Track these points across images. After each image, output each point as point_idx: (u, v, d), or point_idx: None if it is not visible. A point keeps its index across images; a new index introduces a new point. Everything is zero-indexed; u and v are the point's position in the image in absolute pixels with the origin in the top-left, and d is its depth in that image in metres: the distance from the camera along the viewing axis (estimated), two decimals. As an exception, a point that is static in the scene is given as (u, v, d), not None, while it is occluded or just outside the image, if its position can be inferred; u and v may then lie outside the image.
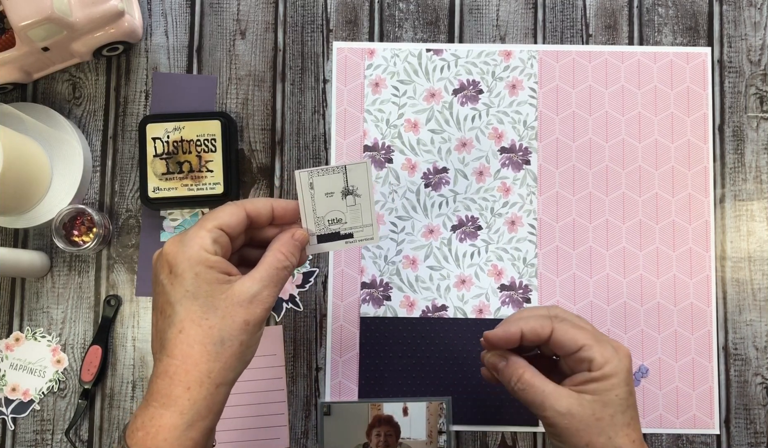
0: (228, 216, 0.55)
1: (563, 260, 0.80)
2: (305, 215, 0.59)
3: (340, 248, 0.60)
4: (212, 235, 0.53)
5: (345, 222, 0.59)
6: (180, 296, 0.52)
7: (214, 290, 0.52)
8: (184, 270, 0.52)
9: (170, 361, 0.51)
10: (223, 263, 0.53)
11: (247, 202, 0.57)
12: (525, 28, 0.83)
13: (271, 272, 0.54)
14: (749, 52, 0.82)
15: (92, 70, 0.83)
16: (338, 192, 0.58)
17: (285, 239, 0.57)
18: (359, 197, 0.59)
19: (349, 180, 0.58)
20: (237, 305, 0.52)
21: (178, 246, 0.53)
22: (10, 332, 0.80)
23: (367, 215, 0.59)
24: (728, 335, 0.79)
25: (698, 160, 0.81)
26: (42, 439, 0.78)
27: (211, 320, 0.52)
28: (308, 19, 0.83)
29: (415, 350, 0.79)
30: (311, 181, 0.58)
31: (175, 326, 0.52)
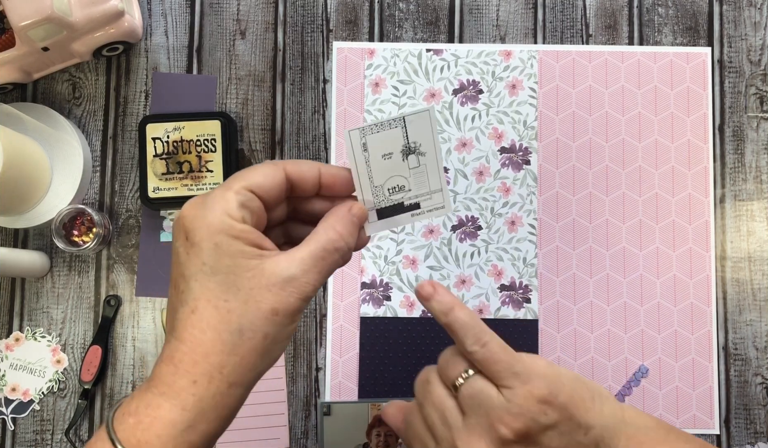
0: (262, 176, 0.44)
1: (563, 260, 0.80)
2: (360, 185, 0.48)
3: (406, 223, 0.49)
4: (240, 198, 0.43)
5: (409, 189, 0.48)
6: (195, 269, 0.42)
7: (238, 265, 0.42)
8: (202, 239, 0.42)
9: (178, 345, 0.42)
10: (252, 234, 0.43)
11: (290, 162, 0.46)
12: (525, 28, 0.83)
13: (317, 252, 0.43)
14: (749, 52, 0.82)
15: (92, 70, 0.83)
16: (398, 152, 0.48)
17: (341, 214, 0.45)
18: (423, 156, 0.48)
19: (409, 135, 0.47)
20: (265, 288, 0.42)
21: (198, 209, 0.43)
22: (10, 332, 0.80)
23: (435, 178, 0.48)
24: (728, 335, 0.79)
25: (698, 160, 0.81)
26: (42, 439, 0.78)
27: (231, 303, 0.42)
28: (308, 19, 0.83)
29: (415, 350, 0.79)
30: (364, 141, 0.47)
31: (188, 305, 0.42)
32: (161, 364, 0.43)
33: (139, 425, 0.42)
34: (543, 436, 0.46)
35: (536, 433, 0.46)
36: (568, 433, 0.46)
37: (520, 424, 0.45)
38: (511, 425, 0.45)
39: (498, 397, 0.46)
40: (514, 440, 0.46)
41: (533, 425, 0.46)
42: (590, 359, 0.79)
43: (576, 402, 0.47)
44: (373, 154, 0.48)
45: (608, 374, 0.78)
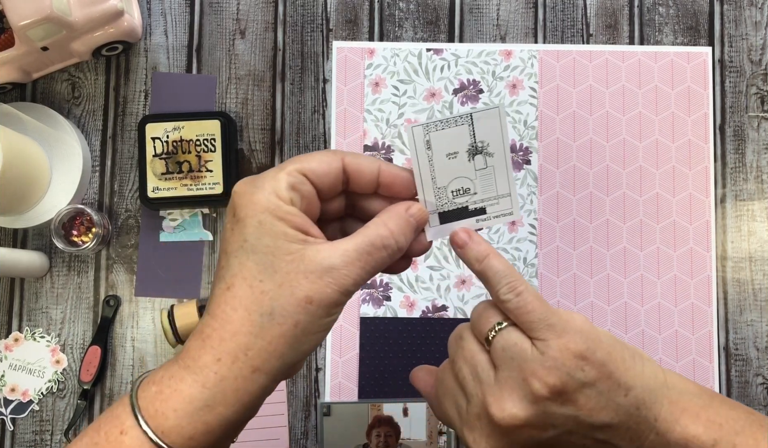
0: (317, 162, 0.43)
1: (564, 260, 0.80)
2: (422, 186, 0.45)
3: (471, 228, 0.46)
4: (291, 179, 0.42)
5: (474, 192, 0.45)
6: (237, 246, 0.41)
7: (279, 247, 0.41)
8: (247, 215, 0.41)
9: (209, 321, 0.42)
10: (298, 217, 0.41)
11: (349, 153, 0.44)
12: (525, 27, 0.83)
13: (363, 247, 0.42)
14: (750, 52, 0.82)
15: (91, 69, 0.83)
16: (463, 152, 0.45)
17: (396, 211, 0.44)
18: (491, 157, 0.45)
19: (477, 133, 0.44)
20: (301, 274, 0.40)
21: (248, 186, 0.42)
22: (9, 333, 0.79)
23: (503, 182, 0.45)
24: (729, 336, 0.79)
25: (699, 160, 0.81)
26: (41, 439, 0.78)
27: (265, 284, 0.41)
28: (308, 19, 0.83)
29: (415, 350, 0.79)
30: (428, 139, 0.44)
31: (225, 281, 0.42)
32: (192, 338, 0.42)
33: (160, 395, 0.41)
34: (580, 394, 0.43)
35: (572, 390, 0.43)
36: (606, 392, 0.43)
37: (554, 379, 0.42)
38: (545, 380, 0.42)
39: (532, 349, 0.43)
40: (548, 396, 0.43)
41: (569, 381, 0.42)
42: (591, 360, 0.78)
43: (615, 360, 0.44)
44: (437, 152, 0.45)
45: (609, 375, 0.78)
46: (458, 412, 0.47)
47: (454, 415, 0.47)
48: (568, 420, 0.43)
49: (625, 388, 0.44)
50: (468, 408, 0.45)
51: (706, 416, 0.45)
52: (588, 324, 0.44)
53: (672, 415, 0.45)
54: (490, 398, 0.44)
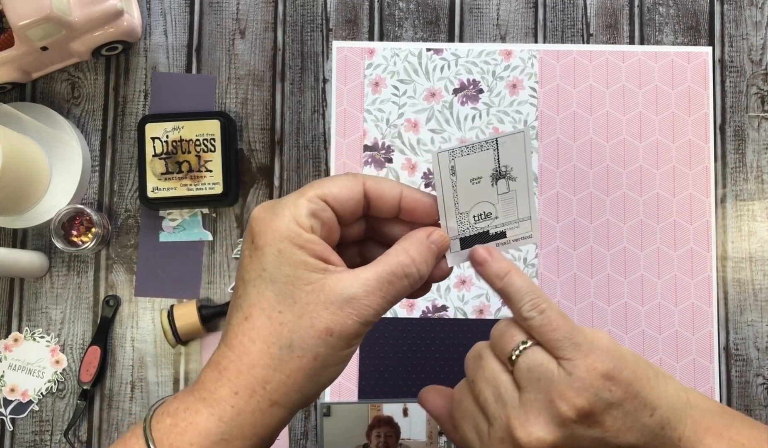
0: (338, 187, 0.42)
1: (564, 260, 0.80)
2: (445, 212, 0.44)
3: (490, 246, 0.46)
4: (311, 206, 0.41)
5: (495, 217, 0.45)
6: (255, 274, 0.40)
7: (299, 276, 0.40)
8: (266, 243, 0.40)
9: (226, 351, 0.41)
10: (318, 245, 0.41)
11: (371, 177, 0.43)
12: (525, 27, 0.83)
13: (384, 276, 0.41)
14: (750, 52, 0.82)
15: (91, 69, 0.83)
16: (487, 176, 0.44)
17: (418, 238, 0.43)
18: (514, 181, 0.44)
19: (501, 158, 0.44)
20: (322, 305, 0.40)
21: (268, 212, 0.41)
22: (9, 333, 0.79)
23: (524, 205, 0.45)
24: (729, 336, 0.79)
25: (699, 160, 0.81)
26: (41, 440, 0.78)
27: (285, 315, 0.40)
28: (308, 19, 0.83)
29: (415, 351, 0.79)
30: (453, 164, 0.44)
31: (242, 311, 0.41)
32: (207, 368, 0.41)
33: (175, 428, 0.40)
34: (607, 415, 0.42)
35: (600, 412, 0.41)
36: (633, 413, 0.42)
37: (582, 401, 0.41)
38: (573, 402, 0.41)
39: (558, 370, 0.42)
40: (575, 419, 0.41)
41: (597, 403, 0.41)
42: (591, 360, 0.78)
43: (641, 378, 0.42)
44: (461, 178, 0.44)
45: (609, 375, 0.78)
46: (479, 436, 0.45)
47: (474, 439, 0.45)
48: (595, 442, 0.42)
49: (651, 408, 0.43)
50: (490, 432, 0.44)
51: (729, 435, 0.44)
52: (613, 342, 0.43)
53: (696, 435, 0.44)
54: (515, 422, 0.42)
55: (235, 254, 0.80)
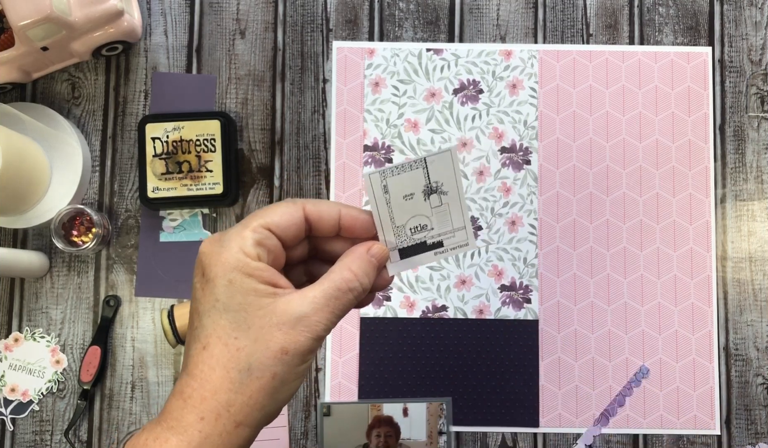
0: (279, 215, 0.45)
1: (564, 260, 0.80)
2: (382, 227, 0.47)
3: (430, 261, 0.49)
4: (256, 236, 0.43)
5: (431, 228, 0.48)
6: (209, 306, 0.43)
7: (250, 303, 0.42)
8: (217, 275, 0.43)
9: (188, 381, 0.43)
10: (267, 271, 0.43)
11: (310, 201, 0.46)
12: (525, 27, 0.83)
13: (331, 292, 0.44)
14: (750, 52, 0.82)
15: (91, 69, 0.83)
16: (419, 192, 0.47)
17: (358, 254, 0.46)
18: (446, 195, 0.48)
19: (431, 175, 0.47)
20: (275, 327, 0.42)
21: (215, 245, 0.44)
22: (9, 333, 0.79)
23: (458, 216, 0.48)
24: (729, 336, 0.79)
25: (699, 160, 0.81)
26: (41, 440, 0.78)
27: (240, 341, 0.42)
28: (308, 19, 0.83)
29: (415, 351, 0.79)
30: (385, 184, 0.47)
31: (200, 341, 0.43)
32: (172, 398, 0.43)
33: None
34: None
35: None
36: None
37: None
38: None
39: None
40: None
41: None
42: (591, 360, 0.78)
43: None
44: (394, 195, 0.47)
45: (609, 375, 0.78)
46: None
47: None
48: None
49: None
50: None
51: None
52: None
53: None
54: None
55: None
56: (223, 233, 0.44)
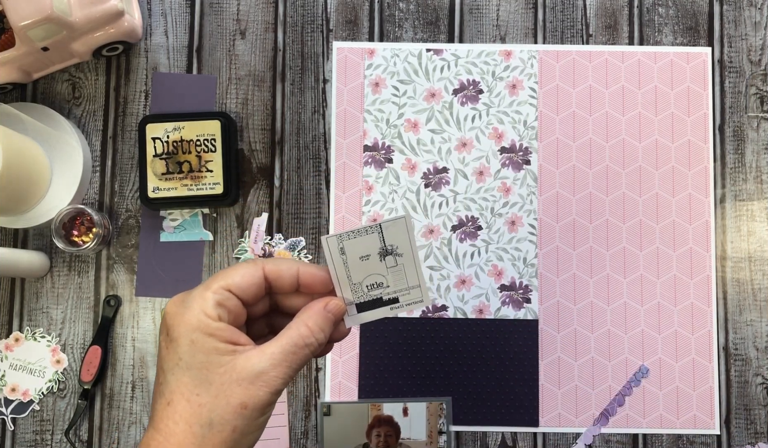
0: (240, 277, 0.47)
1: (563, 260, 0.80)
2: (339, 284, 0.50)
3: (384, 315, 0.51)
4: (217, 297, 0.46)
5: (387, 286, 0.51)
6: (173, 364, 0.46)
7: (212, 361, 0.45)
8: (180, 335, 0.45)
9: (154, 434, 0.45)
10: (227, 331, 0.46)
11: (269, 261, 0.49)
12: (525, 28, 0.83)
13: (288, 348, 0.46)
14: (749, 52, 0.82)
15: (92, 70, 0.83)
16: (375, 254, 0.50)
17: (315, 310, 0.48)
18: (401, 256, 0.50)
19: (386, 239, 0.50)
20: (235, 383, 0.45)
21: (179, 307, 0.47)
22: (10, 333, 0.79)
23: (413, 276, 0.51)
24: (728, 335, 0.79)
25: (698, 160, 0.81)
26: (42, 439, 0.78)
27: (202, 397, 0.45)
28: (308, 19, 0.83)
29: (415, 351, 0.79)
30: (341, 246, 0.49)
31: (164, 397, 0.46)
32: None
33: None
34: None
35: None
36: None
37: None
38: None
39: None
40: None
41: None
42: (590, 360, 0.79)
43: None
44: (351, 256, 0.50)
45: (608, 375, 0.78)
46: None
47: None
48: None
49: None
50: None
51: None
52: None
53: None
54: None
55: (236, 254, 0.80)
56: (186, 293, 0.47)
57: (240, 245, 0.80)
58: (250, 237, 0.80)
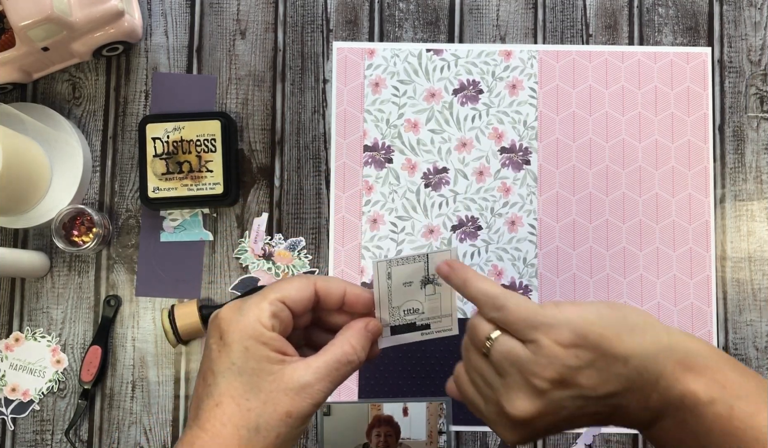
0: (295, 290, 0.50)
1: (563, 261, 0.80)
2: (380, 305, 0.53)
3: (415, 340, 0.55)
4: (273, 308, 0.49)
5: (422, 312, 0.55)
6: (225, 367, 0.48)
7: (263, 368, 0.48)
8: (234, 341, 0.48)
9: (200, 433, 0.47)
10: (278, 341, 0.49)
11: (320, 279, 0.52)
12: (525, 28, 0.83)
13: (332, 364, 0.49)
14: (749, 52, 0.82)
15: (92, 70, 0.83)
16: (417, 281, 0.54)
17: (357, 329, 0.51)
18: (440, 286, 0.54)
19: (430, 269, 0.54)
20: (282, 392, 0.47)
21: (235, 313, 0.49)
22: (10, 332, 0.80)
23: (447, 305, 0.55)
24: (728, 336, 0.79)
25: (698, 160, 0.81)
26: (42, 439, 0.78)
27: (252, 402, 0.47)
28: (308, 19, 0.83)
29: (415, 351, 0.79)
30: (389, 271, 0.53)
31: (213, 398, 0.48)
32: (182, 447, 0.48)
33: None
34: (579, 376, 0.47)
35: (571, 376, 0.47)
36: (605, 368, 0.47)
37: (551, 373, 0.47)
38: (543, 376, 0.47)
39: (525, 352, 0.47)
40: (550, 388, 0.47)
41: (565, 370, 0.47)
42: (590, 359, 0.78)
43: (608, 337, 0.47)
44: (396, 281, 0.53)
45: (608, 375, 0.78)
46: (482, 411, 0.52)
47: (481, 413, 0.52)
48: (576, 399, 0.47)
49: (623, 359, 0.47)
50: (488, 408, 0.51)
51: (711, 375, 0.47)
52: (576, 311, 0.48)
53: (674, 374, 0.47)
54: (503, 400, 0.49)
55: (236, 254, 0.80)
56: (242, 300, 0.50)
57: (240, 245, 0.80)
58: (250, 237, 0.80)
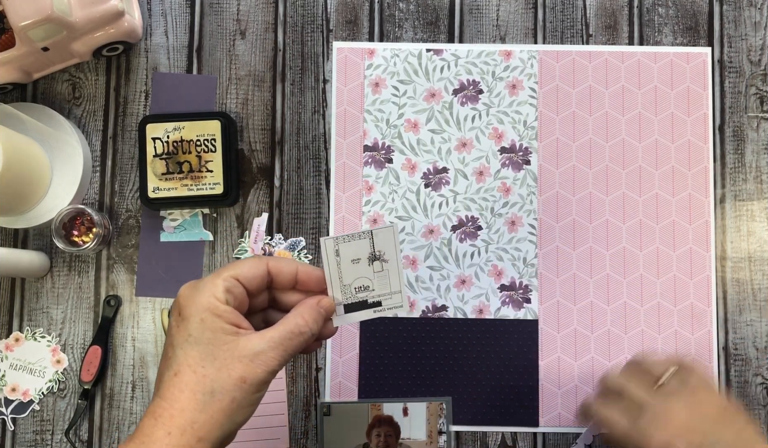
0: (247, 268, 0.54)
1: (563, 260, 0.80)
2: (331, 283, 0.56)
3: (368, 317, 0.58)
4: (226, 283, 0.52)
5: (372, 289, 0.57)
6: (182, 339, 0.51)
7: (217, 338, 0.51)
8: (191, 314, 0.51)
9: (160, 402, 0.51)
10: (232, 314, 0.52)
11: (272, 259, 0.55)
12: (525, 28, 0.83)
13: (284, 334, 0.52)
14: (749, 52, 0.82)
15: (92, 70, 0.83)
16: (365, 258, 0.57)
17: (309, 304, 0.55)
18: (386, 263, 0.57)
19: (375, 245, 0.56)
20: (236, 359, 0.51)
21: (192, 290, 0.52)
22: (10, 332, 0.80)
23: (396, 281, 0.57)
24: (728, 336, 0.79)
25: (698, 160, 0.81)
26: (42, 439, 0.78)
27: (207, 369, 0.50)
28: (308, 19, 0.83)
29: (415, 350, 0.79)
30: (337, 248, 0.56)
31: (172, 369, 0.51)
32: (145, 419, 0.51)
33: None
34: None
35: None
36: None
37: None
38: None
39: None
40: None
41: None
42: (590, 360, 0.79)
43: None
44: (344, 258, 0.56)
45: (608, 375, 0.78)
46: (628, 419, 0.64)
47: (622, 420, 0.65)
48: None
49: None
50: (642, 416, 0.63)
51: None
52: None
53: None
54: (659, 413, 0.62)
55: (236, 254, 0.80)
56: (198, 280, 0.53)
57: (240, 245, 0.80)
58: (250, 237, 0.80)
